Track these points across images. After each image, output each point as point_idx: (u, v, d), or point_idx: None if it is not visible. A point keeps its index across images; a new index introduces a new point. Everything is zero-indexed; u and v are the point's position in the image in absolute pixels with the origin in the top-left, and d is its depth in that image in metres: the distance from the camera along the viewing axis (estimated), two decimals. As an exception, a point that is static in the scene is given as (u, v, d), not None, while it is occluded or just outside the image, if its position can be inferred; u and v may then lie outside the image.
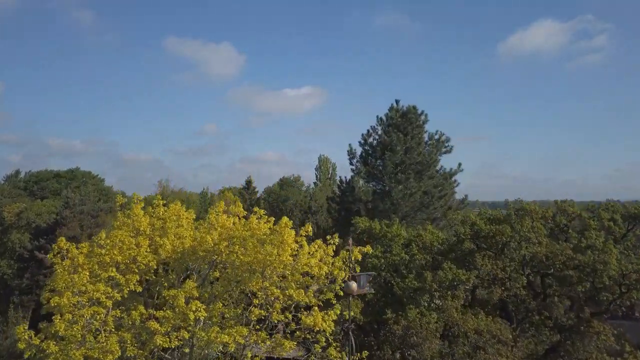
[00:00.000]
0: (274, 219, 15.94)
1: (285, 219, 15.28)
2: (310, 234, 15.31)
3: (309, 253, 14.99)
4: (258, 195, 75.07)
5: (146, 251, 15.59)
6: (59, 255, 14.82)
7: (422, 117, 25.87)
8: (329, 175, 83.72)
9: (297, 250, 14.84)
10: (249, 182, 66.59)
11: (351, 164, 27.38)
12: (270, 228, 15.67)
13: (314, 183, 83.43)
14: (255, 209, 16.60)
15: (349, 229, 25.70)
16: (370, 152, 25.90)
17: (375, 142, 26.37)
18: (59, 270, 13.80)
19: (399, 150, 24.15)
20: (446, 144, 25.75)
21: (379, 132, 26.41)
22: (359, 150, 27.00)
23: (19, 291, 36.41)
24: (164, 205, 18.62)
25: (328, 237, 15.72)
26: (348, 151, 27.07)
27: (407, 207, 23.22)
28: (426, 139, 25.71)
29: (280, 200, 67.29)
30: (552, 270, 18.21)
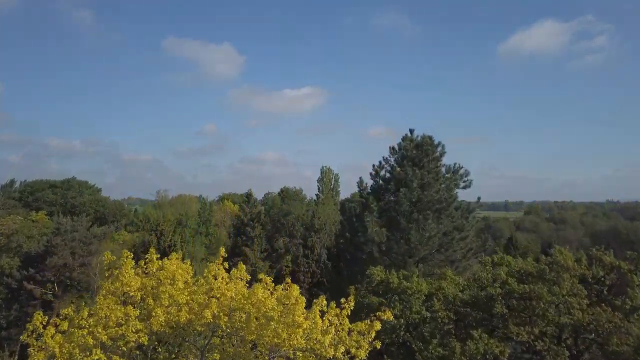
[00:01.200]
0: (281, 286, 14.07)
1: (296, 290, 13.36)
2: (325, 308, 13.40)
3: (323, 329, 13.14)
4: (259, 204, 73.29)
5: (135, 327, 13.67)
6: (33, 335, 12.90)
7: (439, 149, 23.86)
8: (332, 186, 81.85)
9: (310, 327, 12.96)
10: (249, 195, 64.79)
11: (361, 196, 25.36)
12: (277, 297, 13.80)
13: (316, 195, 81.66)
14: (262, 275, 14.70)
15: (359, 268, 23.72)
16: (383, 186, 23.89)
17: (388, 174, 24.36)
18: (31, 362, 11.82)
19: (416, 187, 22.14)
20: (465, 178, 23.76)
21: (392, 164, 24.40)
22: (368, 182, 25.07)
23: (7, 324, 34.37)
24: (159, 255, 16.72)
25: (342, 300, 13.88)
26: (358, 183, 25.10)
27: (425, 251, 21.25)
28: (443, 171, 23.72)
29: (282, 215, 65.31)
30: (594, 335, 16.26)
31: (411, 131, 24.63)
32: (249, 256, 57.18)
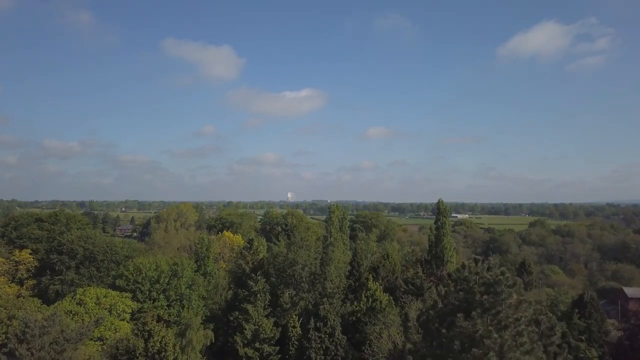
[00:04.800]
0: None
1: None
2: None
3: None
4: (263, 250, 67.21)
5: None
6: None
7: (516, 289, 17.85)
8: (340, 226, 75.75)
9: None
10: (250, 241, 59.86)
11: (408, 339, 19.29)
12: None
13: (324, 237, 75.45)
14: None
15: None
16: (443, 342, 17.81)
17: (447, 319, 18.32)
18: None
19: (492, 355, 16.13)
20: (548, 327, 17.82)
21: (454, 304, 18.36)
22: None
23: None
24: None
25: None
26: (402, 319, 19.09)
27: None
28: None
29: (287, 264, 59.35)
30: None
31: (476, 261, 18.61)
32: (252, 314, 51.06)
